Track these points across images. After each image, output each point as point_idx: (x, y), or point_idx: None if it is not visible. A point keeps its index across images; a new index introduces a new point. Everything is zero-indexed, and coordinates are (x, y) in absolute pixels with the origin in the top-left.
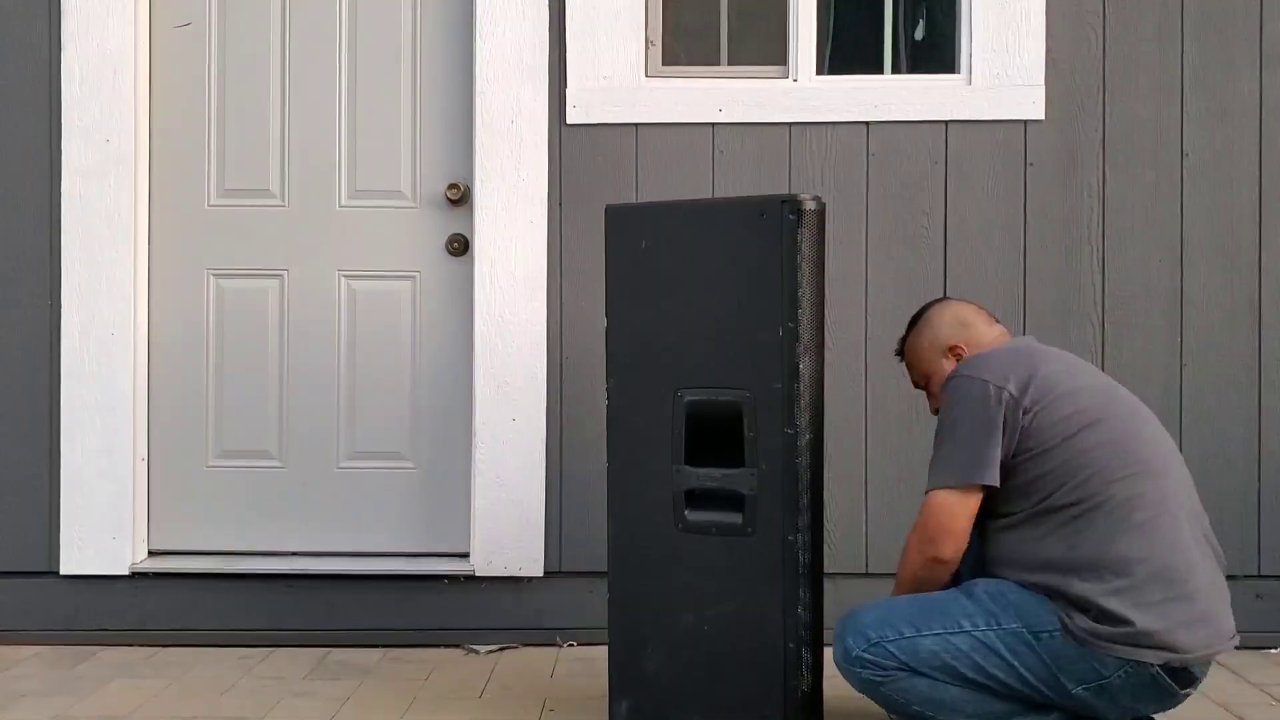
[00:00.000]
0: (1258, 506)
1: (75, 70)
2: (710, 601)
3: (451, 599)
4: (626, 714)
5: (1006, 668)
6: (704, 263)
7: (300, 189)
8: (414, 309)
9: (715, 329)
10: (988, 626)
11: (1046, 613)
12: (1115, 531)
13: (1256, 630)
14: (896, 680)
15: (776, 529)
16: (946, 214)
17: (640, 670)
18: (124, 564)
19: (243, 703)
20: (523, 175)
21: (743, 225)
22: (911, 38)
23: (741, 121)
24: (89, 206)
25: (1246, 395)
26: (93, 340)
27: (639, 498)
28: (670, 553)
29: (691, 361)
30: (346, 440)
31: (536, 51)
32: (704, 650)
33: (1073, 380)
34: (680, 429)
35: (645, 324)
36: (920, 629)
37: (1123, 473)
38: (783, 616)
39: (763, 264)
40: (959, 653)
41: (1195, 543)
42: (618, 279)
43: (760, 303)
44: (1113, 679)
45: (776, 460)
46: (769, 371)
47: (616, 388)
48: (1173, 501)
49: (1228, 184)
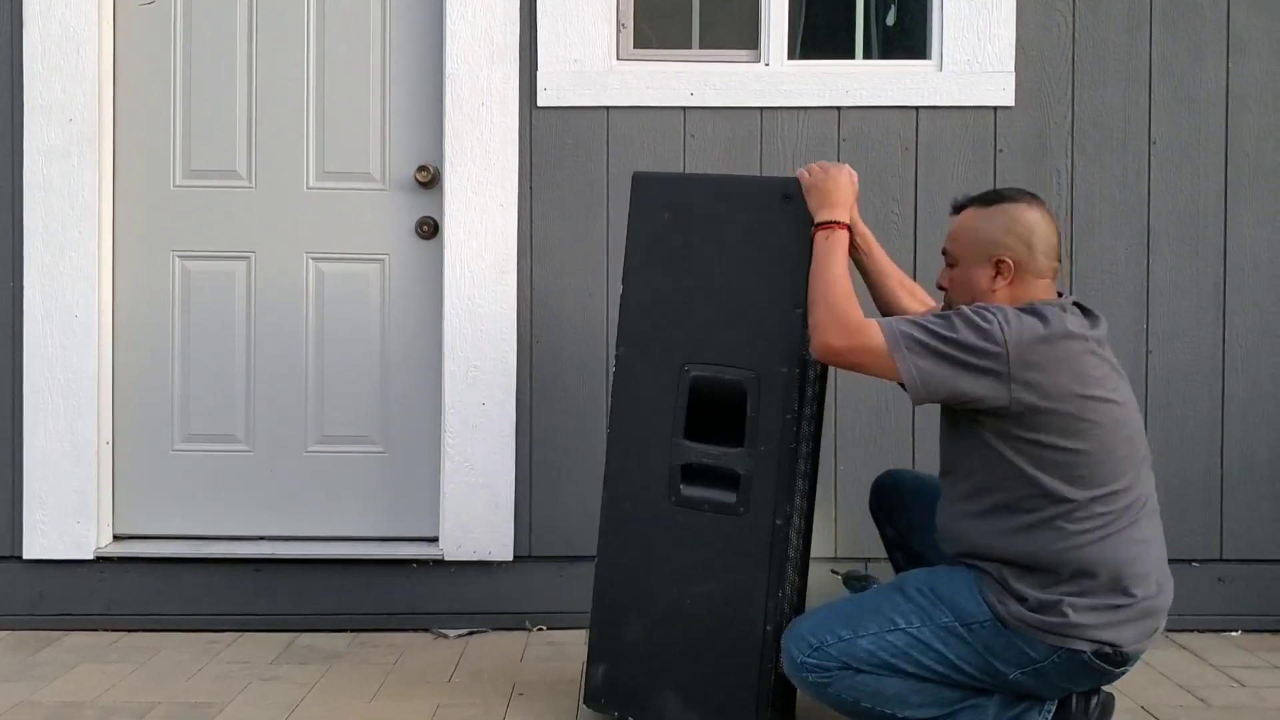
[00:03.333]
0: (1220, 491)
1: (37, 47)
2: (696, 578)
3: (420, 583)
4: (601, 679)
5: (943, 660)
6: (722, 239)
7: (267, 170)
8: (383, 292)
9: (727, 307)
10: (921, 623)
11: (976, 603)
12: (1085, 547)
13: (1218, 614)
14: (841, 679)
15: (768, 512)
16: (917, 200)
17: (619, 638)
18: (89, 548)
19: (209, 687)
20: (493, 158)
21: (763, 206)
22: (883, 23)
23: (713, 105)
24: (51, 186)
25: (1211, 381)
26: (56, 322)
27: (636, 467)
28: (661, 525)
29: (701, 337)
30: (314, 424)
31: (507, 33)
32: (684, 625)
33: (1096, 385)
34: (683, 403)
35: (660, 295)
36: (857, 631)
37: (1117, 483)
38: (765, 599)
39: (779, 246)
40: (896, 650)
41: (1156, 539)
42: (638, 247)
43: (773, 285)
44: (1045, 664)
45: (775, 443)
46: (776, 354)
47: (624, 355)
48: (1151, 502)
49: (1194, 172)
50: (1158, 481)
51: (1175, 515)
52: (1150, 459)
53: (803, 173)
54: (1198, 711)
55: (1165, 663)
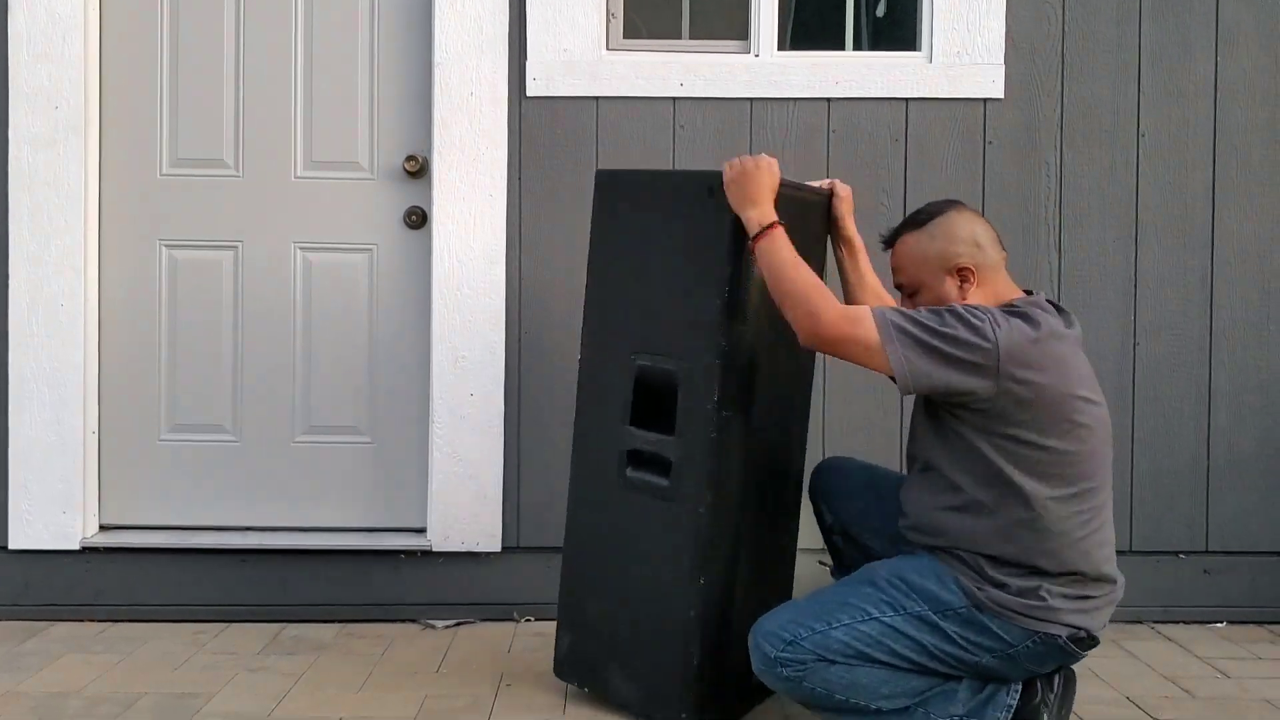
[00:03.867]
0: (1206, 484)
1: (23, 34)
2: (637, 557)
3: (408, 574)
4: (567, 649)
5: (917, 647)
6: (661, 233)
7: (255, 159)
8: (371, 282)
9: (666, 299)
10: (894, 613)
11: (949, 591)
12: (1066, 543)
13: (1204, 605)
14: (816, 672)
15: (693, 498)
16: (906, 191)
17: (582, 612)
18: (74, 539)
19: (196, 678)
20: (482, 148)
21: (692, 199)
22: (873, 15)
23: (702, 96)
24: (37, 174)
25: (1198, 373)
26: (41, 311)
27: (596, 452)
28: (613, 506)
29: (646, 329)
30: (302, 414)
31: (496, 23)
32: (629, 604)
33: (1077, 384)
34: (629, 392)
35: (616, 287)
36: (830, 623)
37: (1092, 480)
38: (687, 584)
39: (705, 238)
40: (870, 639)
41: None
42: (598, 242)
43: (700, 276)
44: (1019, 648)
45: (699, 431)
46: (702, 345)
47: (586, 347)
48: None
49: (1183, 164)
50: (1143, 473)
51: (1161, 507)
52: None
53: (726, 168)
54: (1183, 702)
55: (1150, 654)
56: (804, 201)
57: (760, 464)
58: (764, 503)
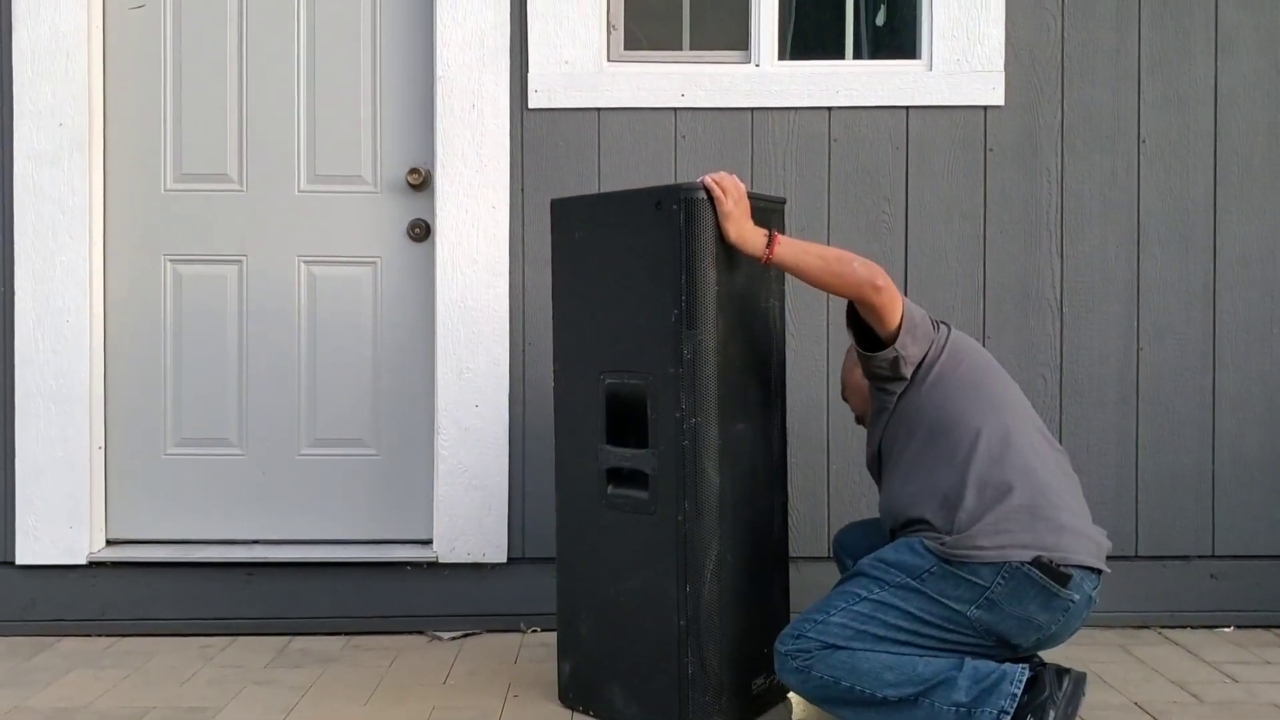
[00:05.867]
0: (1212, 488)
1: (27, 52)
2: (625, 574)
3: (414, 586)
4: (568, 675)
5: (907, 616)
6: (620, 252)
7: (259, 174)
8: (375, 294)
9: (628, 316)
10: (880, 588)
11: (920, 556)
12: (994, 461)
13: (1211, 610)
14: (821, 659)
15: (672, 508)
16: (907, 199)
17: (577, 635)
18: (81, 553)
19: (204, 692)
20: (484, 160)
21: (644, 215)
22: (873, 23)
23: (704, 107)
24: (42, 191)
25: (1201, 377)
26: (47, 327)
27: (576, 474)
28: (597, 526)
29: (612, 347)
30: (307, 427)
31: (498, 35)
32: (621, 621)
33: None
34: (602, 410)
35: (580, 310)
36: (829, 612)
37: (993, 417)
38: (676, 593)
39: (656, 253)
40: (864, 617)
41: (1065, 476)
42: (560, 268)
43: (655, 289)
44: (993, 588)
45: (671, 442)
46: (664, 357)
47: (559, 370)
48: (1040, 443)
49: (1184, 169)
50: (1148, 477)
51: (1167, 512)
52: (1035, 422)
53: (715, 190)
54: (1191, 707)
55: (1158, 659)
56: (768, 210)
57: (738, 465)
58: (747, 504)
